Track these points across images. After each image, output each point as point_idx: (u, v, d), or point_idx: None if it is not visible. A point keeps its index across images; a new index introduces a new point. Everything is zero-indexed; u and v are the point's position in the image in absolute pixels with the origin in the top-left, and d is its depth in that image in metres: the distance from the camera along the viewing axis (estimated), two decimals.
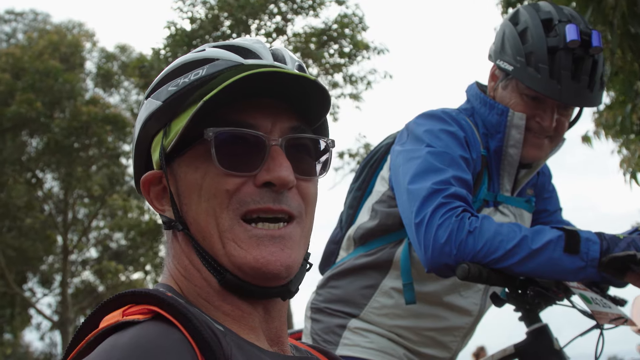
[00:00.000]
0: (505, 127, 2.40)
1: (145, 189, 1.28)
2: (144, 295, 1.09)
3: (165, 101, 1.23)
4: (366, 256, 2.51)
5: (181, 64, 1.25)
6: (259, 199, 1.16)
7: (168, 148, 1.21)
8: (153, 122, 1.25)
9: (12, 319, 28.19)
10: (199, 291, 1.20)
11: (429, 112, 2.43)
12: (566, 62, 2.27)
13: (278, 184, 1.16)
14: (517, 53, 2.33)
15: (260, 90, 1.18)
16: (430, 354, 2.51)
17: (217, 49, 1.25)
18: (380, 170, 2.60)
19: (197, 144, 1.18)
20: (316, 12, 19.96)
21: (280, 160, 1.17)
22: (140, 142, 1.29)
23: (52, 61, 23.25)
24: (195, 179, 1.19)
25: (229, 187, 1.16)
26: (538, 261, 2.03)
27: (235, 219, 1.16)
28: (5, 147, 22.86)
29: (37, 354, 33.89)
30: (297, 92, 1.20)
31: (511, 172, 2.48)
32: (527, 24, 2.34)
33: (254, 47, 1.26)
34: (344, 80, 20.71)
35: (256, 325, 1.20)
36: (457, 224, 2.07)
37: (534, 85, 2.29)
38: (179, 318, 1.03)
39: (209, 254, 1.18)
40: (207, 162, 1.17)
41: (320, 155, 1.28)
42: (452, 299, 2.47)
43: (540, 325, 2.27)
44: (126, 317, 1.04)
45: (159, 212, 1.28)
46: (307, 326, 2.57)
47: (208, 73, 1.21)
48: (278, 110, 1.21)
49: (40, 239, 26.69)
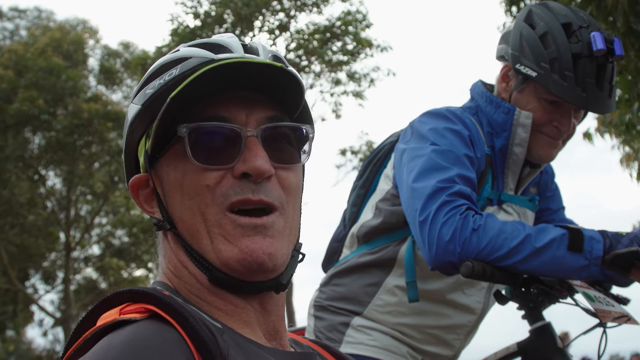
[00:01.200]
0: (511, 126, 2.40)
1: (134, 192, 1.29)
2: (142, 293, 1.09)
3: (144, 104, 1.24)
4: (370, 254, 2.51)
5: (158, 66, 1.26)
6: (239, 190, 1.16)
7: (149, 150, 1.22)
8: (137, 125, 1.26)
9: (14, 315, 28.25)
10: (190, 288, 1.20)
11: (433, 111, 2.43)
12: (591, 70, 2.24)
13: (254, 174, 1.16)
14: (540, 59, 2.28)
15: (232, 83, 1.19)
16: (433, 351, 2.51)
17: (191, 48, 1.27)
18: (384, 168, 2.60)
19: (174, 142, 1.19)
20: (320, 10, 19.95)
21: (255, 150, 1.17)
22: (128, 147, 1.31)
23: (54, 58, 23.25)
24: (176, 178, 1.20)
25: (209, 182, 1.17)
26: (542, 259, 2.04)
27: (221, 212, 1.16)
28: (7, 144, 22.87)
29: (40, 350, 33.96)
30: (271, 83, 1.20)
31: (515, 170, 2.48)
32: (547, 28, 2.30)
33: (225, 42, 1.26)
34: (347, 78, 20.70)
35: (251, 320, 1.20)
36: (461, 221, 2.07)
37: (560, 93, 2.26)
38: (175, 317, 1.03)
39: (196, 251, 1.19)
40: (185, 160, 1.18)
41: (303, 143, 1.28)
42: (456, 297, 2.47)
43: (544, 323, 2.27)
44: (123, 316, 1.05)
45: (149, 214, 1.28)
46: (310, 324, 2.58)
47: (181, 72, 1.22)
48: (253, 102, 1.21)
49: (43, 236, 26.73)
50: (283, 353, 1.20)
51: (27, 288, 28.46)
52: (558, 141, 2.41)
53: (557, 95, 2.27)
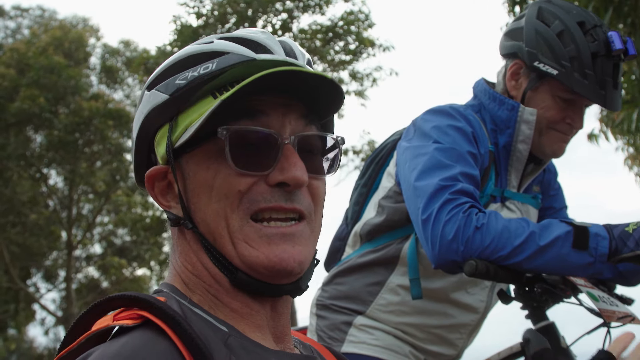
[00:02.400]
0: (515, 123, 2.39)
1: (149, 184, 1.25)
2: (134, 299, 1.07)
3: (173, 94, 1.19)
4: (372, 252, 2.50)
5: (188, 55, 1.21)
6: (270, 198, 1.15)
7: (176, 144, 1.18)
8: (157, 115, 1.21)
9: (16, 314, 28.31)
10: (209, 288, 1.18)
11: (436, 108, 2.42)
12: (608, 69, 2.27)
13: (292, 184, 1.15)
14: (560, 57, 2.29)
15: (273, 86, 1.16)
16: (436, 351, 2.50)
17: (227, 42, 1.21)
18: (387, 167, 2.59)
19: (208, 141, 1.16)
20: (322, 10, 19.95)
21: (293, 159, 1.15)
22: (141, 135, 1.26)
23: (56, 57, 23.27)
24: (206, 179, 1.16)
25: (242, 187, 1.14)
26: (546, 257, 2.02)
27: (245, 219, 1.15)
28: (9, 143, 22.90)
29: (41, 349, 33.99)
30: (309, 88, 1.18)
31: (519, 168, 2.47)
32: (563, 26, 2.31)
33: (263, 40, 1.22)
34: (350, 77, 20.71)
35: (263, 324, 1.19)
36: (465, 220, 2.06)
37: (583, 91, 2.27)
38: (168, 323, 1.02)
39: (220, 252, 1.17)
40: (219, 161, 1.15)
41: (327, 152, 1.26)
42: (459, 296, 2.46)
43: (547, 323, 2.25)
44: (116, 322, 1.04)
45: (165, 208, 1.25)
46: (312, 323, 2.57)
47: (218, 67, 1.17)
48: (288, 105, 1.19)
49: (45, 235, 26.76)
50: (289, 356, 1.20)
51: (29, 287, 28.50)
52: (568, 137, 2.43)
53: (580, 93, 2.28)
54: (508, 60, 2.47)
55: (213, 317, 1.14)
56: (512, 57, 2.44)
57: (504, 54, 2.50)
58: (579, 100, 2.35)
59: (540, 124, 2.39)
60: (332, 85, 1.17)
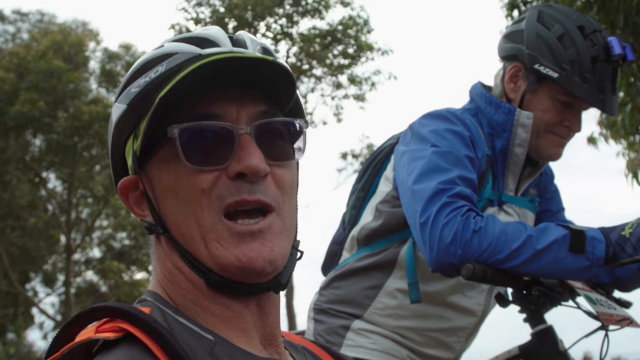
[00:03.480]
0: (512, 126, 2.39)
1: (123, 196, 1.24)
2: (116, 310, 1.05)
3: (130, 104, 1.18)
4: (370, 257, 2.49)
5: (142, 63, 1.20)
6: (235, 192, 1.12)
7: (137, 151, 1.17)
8: (122, 126, 1.21)
9: (15, 318, 28.28)
10: (186, 294, 1.16)
11: (433, 112, 2.42)
12: (607, 73, 2.29)
13: (249, 174, 1.12)
14: (561, 60, 2.30)
15: (222, 79, 1.14)
16: (434, 354, 2.50)
17: (176, 43, 1.21)
18: (384, 171, 2.59)
19: (163, 143, 1.15)
20: (322, 15, 19.97)
21: (250, 149, 1.13)
22: (114, 148, 1.26)
23: (55, 61, 23.28)
24: (169, 182, 1.15)
25: (204, 185, 1.12)
26: (543, 261, 2.02)
27: (217, 217, 1.12)
28: (8, 147, 22.91)
29: (40, 353, 33.97)
30: (262, 77, 1.16)
31: (516, 171, 2.47)
32: (564, 30, 2.32)
33: (211, 35, 1.21)
34: (349, 81, 20.73)
35: (248, 326, 1.16)
36: (462, 223, 2.06)
37: (583, 94, 2.28)
38: (151, 335, 1.00)
39: (192, 255, 1.15)
40: (177, 162, 1.13)
41: (296, 138, 1.24)
42: (456, 299, 2.46)
43: (545, 326, 2.25)
44: (98, 334, 1.02)
45: (140, 218, 1.23)
46: (310, 327, 2.56)
47: (167, 68, 1.16)
48: (243, 96, 1.17)
49: (44, 239, 26.76)
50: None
51: (28, 291, 28.49)
52: (565, 140, 2.43)
53: (580, 96, 2.29)
54: (507, 63, 2.47)
55: (197, 325, 1.12)
56: (512, 60, 2.45)
57: (503, 56, 2.50)
58: (578, 104, 2.36)
59: (538, 126, 2.39)
60: (277, 67, 1.14)
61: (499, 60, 2.54)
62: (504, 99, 2.48)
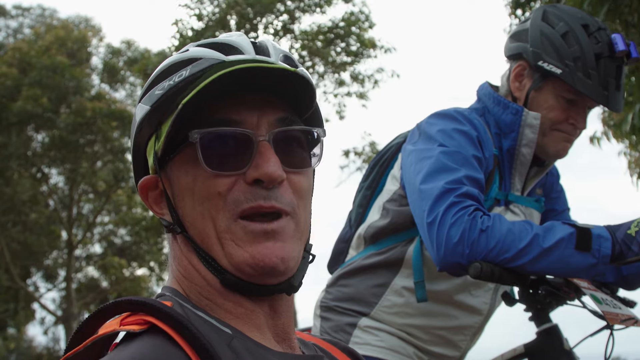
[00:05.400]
0: (519, 127, 2.41)
1: (143, 194, 1.27)
2: (141, 304, 1.08)
3: (153, 105, 1.22)
4: (377, 255, 2.51)
5: (167, 66, 1.24)
6: (250, 197, 1.15)
7: (159, 152, 1.21)
8: (145, 126, 1.24)
9: (15, 313, 28.29)
10: (201, 291, 1.19)
11: (441, 112, 2.43)
12: (611, 70, 2.31)
13: (266, 180, 1.15)
14: (564, 56, 2.32)
15: (244, 86, 1.17)
16: (440, 352, 2.51)
17: (200, 48, 1.24)
18: (391, 169, 2.60)
19: (185, 146, 1.18)
20: (323, 10, 19.94)
21: (267, 155, 1.15)
22: (136, 148, 1.29)
23: (58, 57, 23.26)
24: (187, 183, 1.18)
25: (221, 189, 1.15)
26: (550, 259, 2.04)
27: (232, 219, 1.15)
28: (11, 142, 22.88)
29: (41, 348, 34.00)
30: (282, 85, 1.19)
31: (523, 171, 2.49)
32: (568, 28, 2.34)
33: (236, 42, 1.24)
34: (351, 79, 20.70)
35: (261, 323, 1.19)
36: (470, 222, 2.07)
37: (586, 90, 2.30)
38: (176, 327, 1.03)
39: (208, 254, 1.18)
40: (196, 165, 1.16)
41: (314, 146, 1.27)
42: (463, 298, 2.47)
43: (551, 325, 2.27)
44: (123, 327, 1.05)
45: (159, 216, 1.27)
46: (316, 324, 2.58)
47: (191, 73, 1.20)
48: (265, 104, 1.20)
49: (45, 234, 26.76)
50: (293, 357, 1.20)
51: (29, 286, 28.49)
52: (572, 137, 2.45)
53: (584, 92, 2.30)
54: (512, 62, 2.49)
55: (215, 319, 1.15)
56: (517, 59, 2.47)
57: (508, 55, 2.52)
58: (582, 101, 2.37)
59: (544, 124, 2.41)
60: (299, 77, 1.18)
61: (506, 61, 2.55)
62: (510, 98, 2.49)
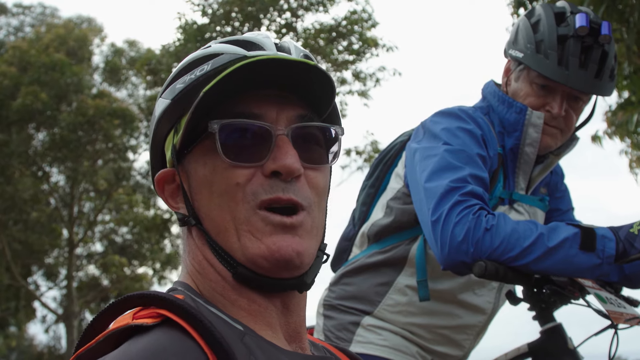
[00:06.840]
0: (523, 126, 2.40)
1: (160, 188, 1.28)
2: (153, 297, 1.08)
3: (174, 99, 1.23)
4: (380, 253, 2.50)
5: (189, 62, 1.26)
6: (269, 189, 1.16)
7: (177, 145, 1.22)
8: (165, 120, 1.26)
9: (16, 311, 28.30)
10: (214, 286, 1.19)
11: (445, 110, 2.43)
12: (575, 49, 2.32)
13: (284, 172, 1.16)
14: (527, 41, 2.39)
15: (264, 81, 1.18)
16: (443, 351, 2.51)
17: (222, 44, 1.26)
18: (395, 167, 2.60)
19: (203, 138, 1.19)
20: (326, 8, 19.92)
21: (286, 148, 1.16)
22: (155, 142, 1.31)
23: (58, 54, 23.23)
24: (205, 175, 1.19)
25: (239, 180, 1.16)
26: (554, 259, 2.03)
27: (251, 210, 1.16)
28: (11, 140, 22.87)
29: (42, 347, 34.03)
30: (303, 81, 1.20)
31: (526, 170, 2.48)
32: (540, 17, 2.41)
33: (258, 40, 1.26)
34: (353, 77, 20.68)
35: (273, 321, 1.19)
36: (474, 221, 2.07)
37: (542, 69, 2.33)
38: (189, 321, 1.03)
39: (222, 247, 1.18)
40: (215, 156, 1.17)
41: (332, 144, 1.28)
42: (466, 297, 2.47)
43: (555, 324, 2.27)
44: (136, 321, 1.05)
45: (174, 210, 1.28)
46: (319, 323, 2.57)
47: (212, 67, 1.22)
48: (284, 100, 1.21)
49: (46, 233, 26.74)
50: (303, 357, 1.20)
51: (30, 284, 28.49)
52: (555, 130, 2.42)
53: (539, 72, 2.34)
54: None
55: (227, 315, 1.15)
56: (506, 56, 2.54)
57: (505, 55, 2.57)
58: (555, 87, 2.37)
59: None
60: (319, 73, 1.18)
61: None
62: None
